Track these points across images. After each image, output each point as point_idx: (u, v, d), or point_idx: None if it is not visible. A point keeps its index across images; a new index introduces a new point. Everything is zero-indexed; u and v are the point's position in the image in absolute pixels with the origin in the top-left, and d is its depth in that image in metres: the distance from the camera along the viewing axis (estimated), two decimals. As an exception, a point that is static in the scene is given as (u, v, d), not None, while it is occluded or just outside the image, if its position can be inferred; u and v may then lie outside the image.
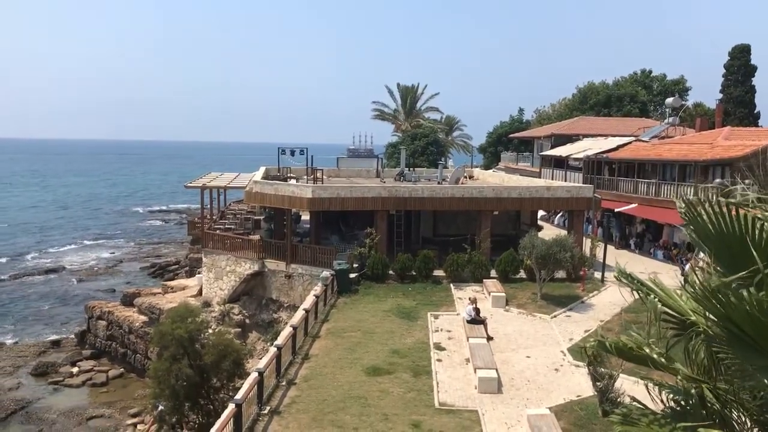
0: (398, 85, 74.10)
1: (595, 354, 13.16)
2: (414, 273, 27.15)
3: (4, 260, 60.30)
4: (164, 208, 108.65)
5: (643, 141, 40.90)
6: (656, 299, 5.55)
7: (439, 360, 18.18)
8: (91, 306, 36.41)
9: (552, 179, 42.21)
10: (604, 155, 38.93)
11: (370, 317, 22.15)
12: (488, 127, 72.75)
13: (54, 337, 38.38)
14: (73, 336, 37.55)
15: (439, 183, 34.99)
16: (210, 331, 23.38)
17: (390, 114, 74.94)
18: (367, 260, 26.99)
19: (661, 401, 5.94)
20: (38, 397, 29.98)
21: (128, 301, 35.14)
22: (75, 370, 32.90)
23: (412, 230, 32.73)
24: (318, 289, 23.79)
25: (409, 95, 73.67)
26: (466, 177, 38.84)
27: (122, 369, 32.71)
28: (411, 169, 42.33)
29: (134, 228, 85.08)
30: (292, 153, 36.05)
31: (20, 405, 28.99)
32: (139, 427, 25.89)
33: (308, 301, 22.01)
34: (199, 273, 35.74)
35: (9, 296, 48.08)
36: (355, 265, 26.74)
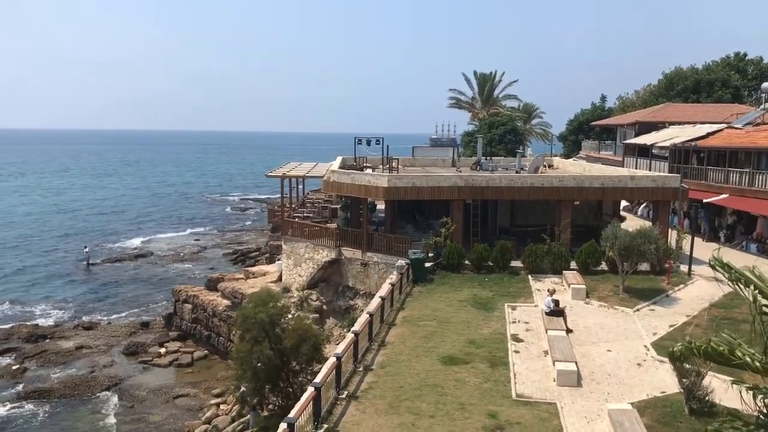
0: (475, 72, 73.12)
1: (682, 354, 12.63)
2: (491, 263, 26.87)
3: (100, 245, 63.92)
4: (247, 197, 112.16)
5: (736, 128, 38.70)
6: (756, 291, 5.23)
7: (516, 351, 17.95)
8: (177, 290, 38.11)
9: (636, 168, 40.66)
10: (693, 143, 37.11)
11: (445, 307, 22.12)
12: (569, 115, 70.81)
13: (143, 318, 40.51)
14: (160, 318, 39.46)
15: (517, 172, 34.40)
16: (289, 316, 24.00)
17: (467, 102, 74.14)
18: (443, 250, 26.92)
19: (756, 406, 5.62)
20: (129, 375, 31.74)
21: (212, 285, 36.53)
22: (162, 350, 34.60)
23: (488, 220, 32.36)
24: (394, 277, 23.95)
25: (486, 83, 72.60)
26: (545, 166, 38.00)
27: (206, 351, 34.12)
28: (488, 158, 41.78)
29: (218, 216, 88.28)
30: (368, 143, 36.31)
31: (114, 381, 30.81)
32: (222, 407, 26.94)
33: (384, 289, 22.19)
34: (278, 260, 36.68)
35: (103, 279, 51.03)
36: (430, 255, 26.74)
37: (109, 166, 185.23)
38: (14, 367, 32.29)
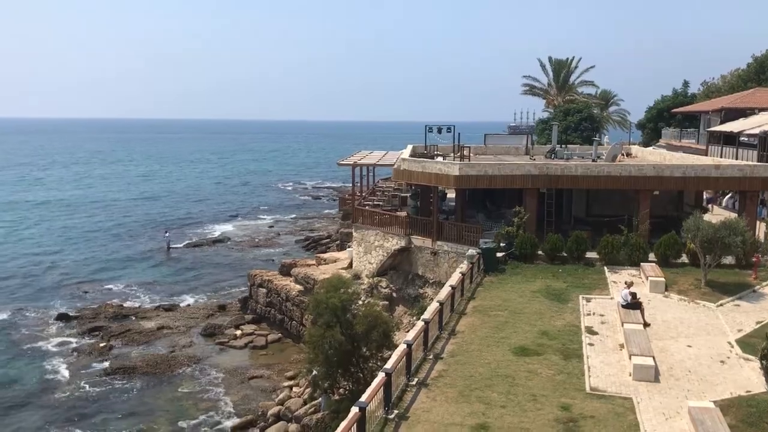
0: (550, 58, 71.35)
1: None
2: (565, 254, 26.25)
3: (180, 231, 66.58)
4: (319, 184, 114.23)
5: (835, 114, 36.19)
6: None
7: (590, 344, 17.52)
8: (252, 274, 39.22)
9: (721, 157, 38.71)
10: (785, 130, 34.96)
11: (517, 297, 21.82)
12: (648, 102, 67.98)
13: (220, 301, 41.95)
14: (236, 301, 40.75)
15: (593, 160, 33.42)
16: (360, 302, 24.29)
17: (541, 89, 72.50)
18: (515, 239, 26.51)
19: None
20: (207, 355, 32.99)
21: (285, 271, 37.40)
22: (238, 332, 35.74)
23: (563, 210, 31.61)
24: (464, 266, 23.79)
25: (561, 69, 70.71)
26: (623, 154, 36.72)
27: (280, 334, 35.01)
28: (563, 146, 40.75)
29: (291, 203, 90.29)
30: (439, 131, 36.11)
31: (193, 361, 32.10)
32: (294, 389, 27.60)
33: (454, 278, 22.10)
34: (349, 247, 37.13)
35: (183, 264, 53.19)
36: (502, 244, 26.37)
37: (193, 154, 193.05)
38: (101, 345, 34.16)
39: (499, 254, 25.61)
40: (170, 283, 46.96)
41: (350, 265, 34.33)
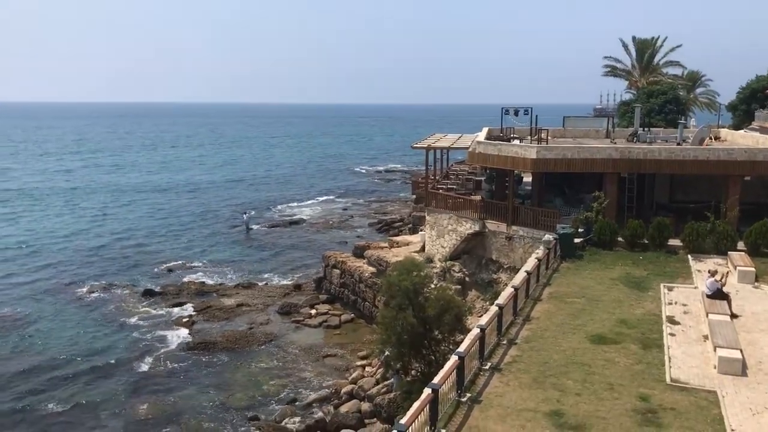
0: (634, 38, 68.35)
1: None
2: (646, 241, 25.33)
3: (258, 212, 68.58)
4: (393, 168, 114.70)
5: None
6: None
7: (672, 334, 16.89)
8: (327, 255, 39.95)
9: (821, 141, 36.17)
10: None
11: (595, 284, 21.26)
12: (740, 82, 64.13)
13: (296, 281, 42.99)
14: (311, 281, 41.66)
15: (678, 144, 31.96)
16: (432, 285, 24.33)
17: (623, 70, 69.71)
18: (594, 225, 25.79)
19: None
20: (283, 333, 33.96)
21: (359, 253, 37.88)
22: (313, 312, 36.58)
23: (645, 195, 30.45)
24: (540, 252, 23.38)
25: (645, 49, 67.63)
26: (711, 138, 34.92)
27: (353, 314, 35.59)
28: (646, 129, 39.13)
29: (365, 186, 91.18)
30: (516, 113, 35.40)
31: (269, 338, 33.13)
32: (367, 369, 28.04)
33: (530, 264, 21.76)
34: (421, 230, 37.15)
35: (260, 244, 54.81)
36: (580, 230, 25.72)
37: (274, 138, 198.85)
38: (184, 320, 35.75)
39: (576, 240, 25.00)
40: (249, 263, 48.49)
41: (423, 249, 34.37)
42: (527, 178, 35.01)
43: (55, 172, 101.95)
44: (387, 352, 22.89)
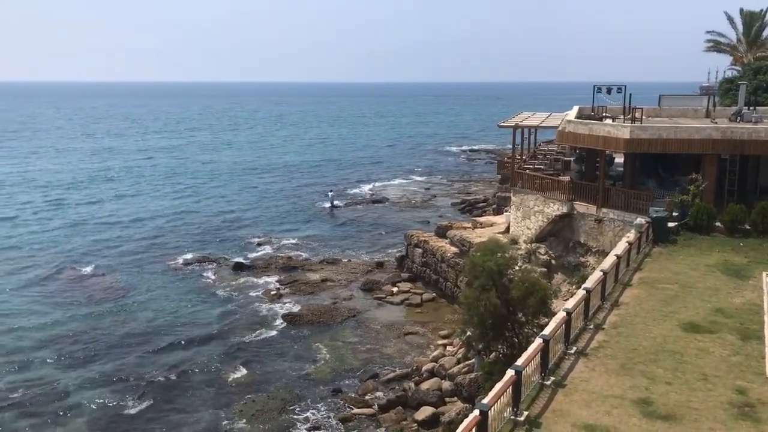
0: (741, 10, 63.90)
1: None
2: (747, 227, 23.91)
3: (343, 190, 69.72)
4: (477, 147, 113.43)
5: None
6: None
7: (774, 326, 15.96)
8: (409, 234, 40.16)
9: None
10: None
11: (689, 270, 20.32)
12: None
13: (378, 259, 43.50)
14: (393, 260, 42.06)
15: (787, 124, 29.80)
16: (516, 267, 24.00)
17: (728, 45, 65.45)
18: (690, 209, 24.57)
19: None
20: (366, 309, 34.56)
21: (441, 232, 37.85)
22: (395, 290, 36.97)
23: (747, 178, 28.68)
24: (631, 235, 22.56)
25: (754, 22, 63.10)
26: (825, 117, 32.35)
27: (434, 294, 35.71)
28: (752, 108, 36.70)
29: (448, 165, 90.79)
30: (608, 91, 34.02)
31: (352, 313, 33.82)
32: (448, 348, 28.14)
33: (620, 247, 21.04)
34: (506, 211, 36.64)
35: (344, 221, 55.81)
36: (674, 214, 24.59)
37: (363, 117, 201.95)
38: (272, 293, 37.04)
39: (670, 224, 23.94)
40: (333, 239, 49.50)
41: (507, 230, 33.91)
42: (619, 159, 33.70)
43: (157, 150, 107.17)
44: (469, 333, 22.85)
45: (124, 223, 53.86)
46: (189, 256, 44.36)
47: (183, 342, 30.56)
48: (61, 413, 24.13)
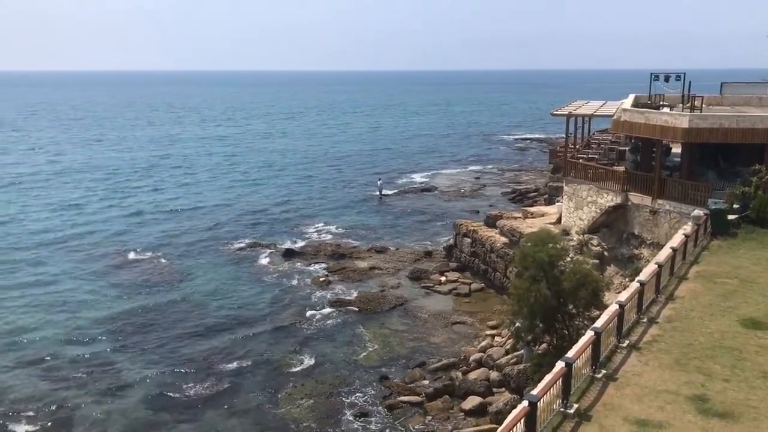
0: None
1: None
2: (813, 220, 22.94)
3: (391, 179, 69.82)
4: (528, 136, 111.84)
5: None
6: None
7: (841, 324, 15.30)
8: (458, 224, 39.95)
9: None
10: None
11: (750, 265, 19.64)
12: None
13: (426, 248, 43.45)
14: (442, 249, 41.94)
15: None
16: (568, 258, 23.62)
17: (795, 30, 62.41)
18: (752, 201, 23.68)
19: None
20: (413, 298, 34.61)
21: (491, 222, 37.51)
22: (443, 279, 36.88)
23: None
24: (688, 228, 21.92)
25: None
26: None
27: (483, 284, 35.47)
28: (820, 96, 35.03)
29: (499, 154, 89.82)
30: (666, 79, 33.05)
31: (400, 302, 33.91)
32: (496, 338, 27.95)
33: (676, 240, 20.49)
34: (558, 201, 36.05)
35: (393, 209, 55.89)
36: (735, 206, 23.75)
37: (414, 105, 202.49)
38: (321, 278, 37.48)
39: (730, 216, 23.14)
40: (381, 227, 49.67)
41: (559, 221, 33.41)
42: (676, 149, 32.73)
43: (213, 139, 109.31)
44: (518, 324, 22.66)
45: (182, 210, 55.25)
46: (242, 242, 45.24)
47: (235, 326, 31.25)
48: (119, 392, 25.03)
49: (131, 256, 42.07)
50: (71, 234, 47.03)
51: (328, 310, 33.00)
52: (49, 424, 22.77)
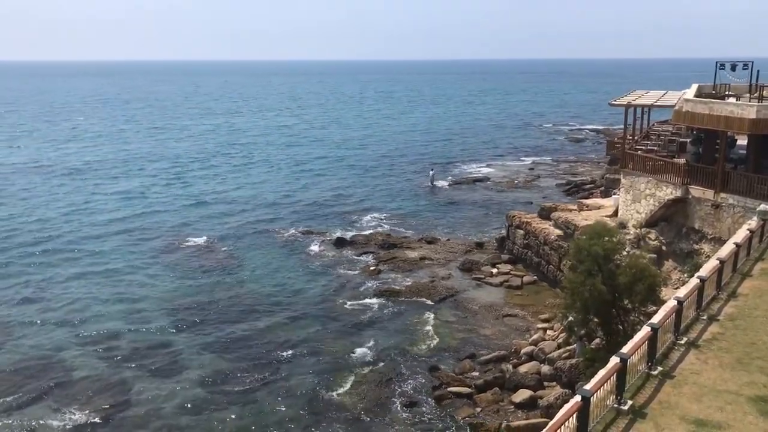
0: None
1: None
2: None
3: (443, 169, 69.48)
4: (584, 126, 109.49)
5: None
6: None
7: None
8: (511, 215, 39.49)
9: None
10: None
11: (820, 262, 18.78)
12: None
13: (478, 239, 43.13)
14: (493, 240, 41.57)
15: None
16: (624, 252, 23.10)
17: None
18: (824, 196, 22.61)
19: None
20: (464, 289, 34.46)
21: (545, 214, 36.93)
22: (494, 271, 36.58)
23: None
24: (753, 223, 21.09)
25: None
26: None
27: (535, 276, 35.02)
28: None
29: (554, 145, 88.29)
30: (733, 68, 31.81)
31: (450, 293, 33.82)
32: (548, 332, 27.59)
33: (740, 235, 19.73)
34: (614, 194, 35.21)
35: (444, 200, 55.75)
36: (805, 201, 22.71)
37: (471, 95, 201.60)
38: (371, 268, 37.71)
39: (800, 212, 22.12)
40: (432, 218, 49.56)
41: (615, 213, 32.64)
42: (742, 141, 31.47)
43: (271, 128, 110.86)
44: (571, 318, 22.32)
45: (239, 199, 56.29)
46: (295, 230, 45.89)
47: (287, 312, 31.80)
48: (176, 373, 25.86)
49: (190, 242, 43.24)
50: (134, 221, 48.59)
51: (377, 299, 33.19)
52: (109, 401, 23.70)
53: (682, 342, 13.86)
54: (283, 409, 23.24)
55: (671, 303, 14.21)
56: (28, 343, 28.43)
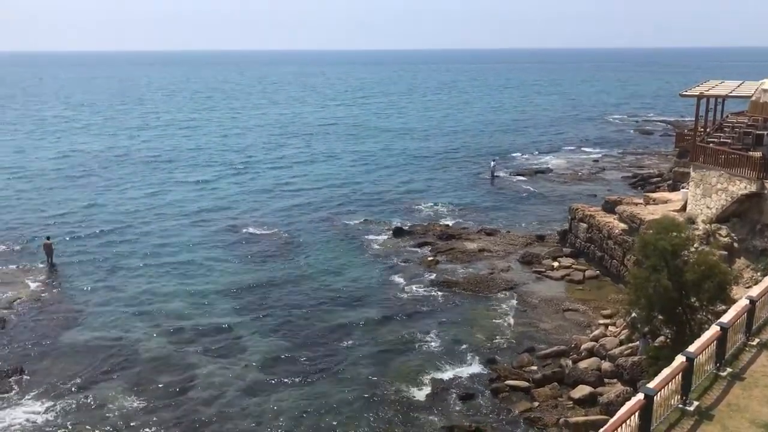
0: None
1: None
2: None
3: (505, 160, 68.63)
4: (653, 117, 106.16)
5: None
6: None
7: None
8: (573, 208, 38.63)
9: None
10: None
11: None
12: None
13: (539, 231, 42.44)
14: (555, 233, 40.77)
15: None
16: (692, 249, 22.28)
17: None
18: None
19: None
20: (524, 282, 34.00)
21: (609, 207, 35.98)
22: (555, 264, 35.93)
23: None
24: (835, 220, 19.95)
25: None
26: None
27: (598, 271, 34.21)
28: None
29: (620, 137, 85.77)
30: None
31: (509, 285, 33.44)
32: (610, 328, 26.94)
33: (820, 233, 18.72)
34: (683, 188, 33.97)
35: (505, 191, 55.08)
36: None
37: (537, 84, 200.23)
38: (429, 258, 37.66)
39: None
40: (492, 209, 49.03)
41: (683, 208, 31.51)
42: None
43: (335, 119, 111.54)
44: (634, 314, 21.75)
45: (301, 188, 57.06)
46: (355, 219, 46.24)
47: (345, 300, 32.17)
48: (237, 357, 26.57)
49: (253, 230, 44.16)
50: (201, 209, 49.88)
51: (435, 290, 33.15)
52: (173, 382, 24.59)
53: (754, 343, 13.32)
54: (340, 394, 23.56)
55: (743, 302, 13.68)
56: (98, 324, 29.77)
